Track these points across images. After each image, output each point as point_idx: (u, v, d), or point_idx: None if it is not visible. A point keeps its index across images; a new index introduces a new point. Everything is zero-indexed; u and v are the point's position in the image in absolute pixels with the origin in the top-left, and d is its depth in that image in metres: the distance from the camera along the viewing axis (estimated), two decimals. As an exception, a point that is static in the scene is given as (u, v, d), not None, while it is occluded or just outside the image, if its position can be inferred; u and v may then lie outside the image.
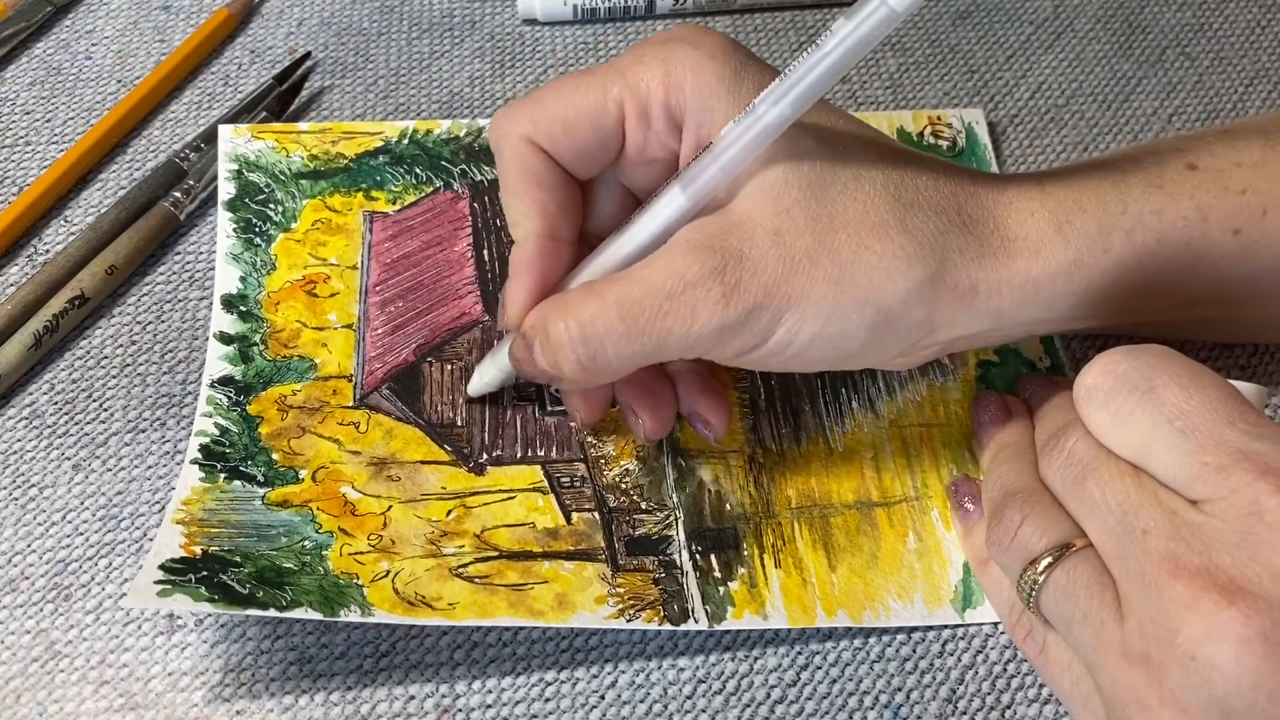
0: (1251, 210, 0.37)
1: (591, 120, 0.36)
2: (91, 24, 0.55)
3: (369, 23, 0.55)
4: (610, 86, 0.36)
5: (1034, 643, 0.36)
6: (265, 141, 0.48)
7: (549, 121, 0.36)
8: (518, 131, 0.37)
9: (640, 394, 0.40)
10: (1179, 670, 0.29)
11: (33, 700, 0.37)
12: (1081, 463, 0.34)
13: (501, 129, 0.37)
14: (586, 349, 0.35)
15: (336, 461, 0.41)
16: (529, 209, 0.37)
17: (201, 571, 0.37)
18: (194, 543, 0.38)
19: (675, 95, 0.35)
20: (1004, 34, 0.55)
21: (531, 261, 0.37)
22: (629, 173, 0.38)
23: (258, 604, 0.36)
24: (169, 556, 0.37)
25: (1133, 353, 0.33)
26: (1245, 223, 0.37)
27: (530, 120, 0.37)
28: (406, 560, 0.38)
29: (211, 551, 0.37)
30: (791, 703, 0.38)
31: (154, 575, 0.36)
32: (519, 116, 0.37)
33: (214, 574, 0.37)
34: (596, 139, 0.37)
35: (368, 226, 0.47)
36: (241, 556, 0.37)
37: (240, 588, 0.36)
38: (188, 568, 0.37)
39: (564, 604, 0.38)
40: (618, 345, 0.34)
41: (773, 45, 0.55)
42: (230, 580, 0.37)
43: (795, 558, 0.40)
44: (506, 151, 0.37)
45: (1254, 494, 0.29)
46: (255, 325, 0.44)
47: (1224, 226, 0.37)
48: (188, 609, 0.36)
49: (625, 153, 0.37)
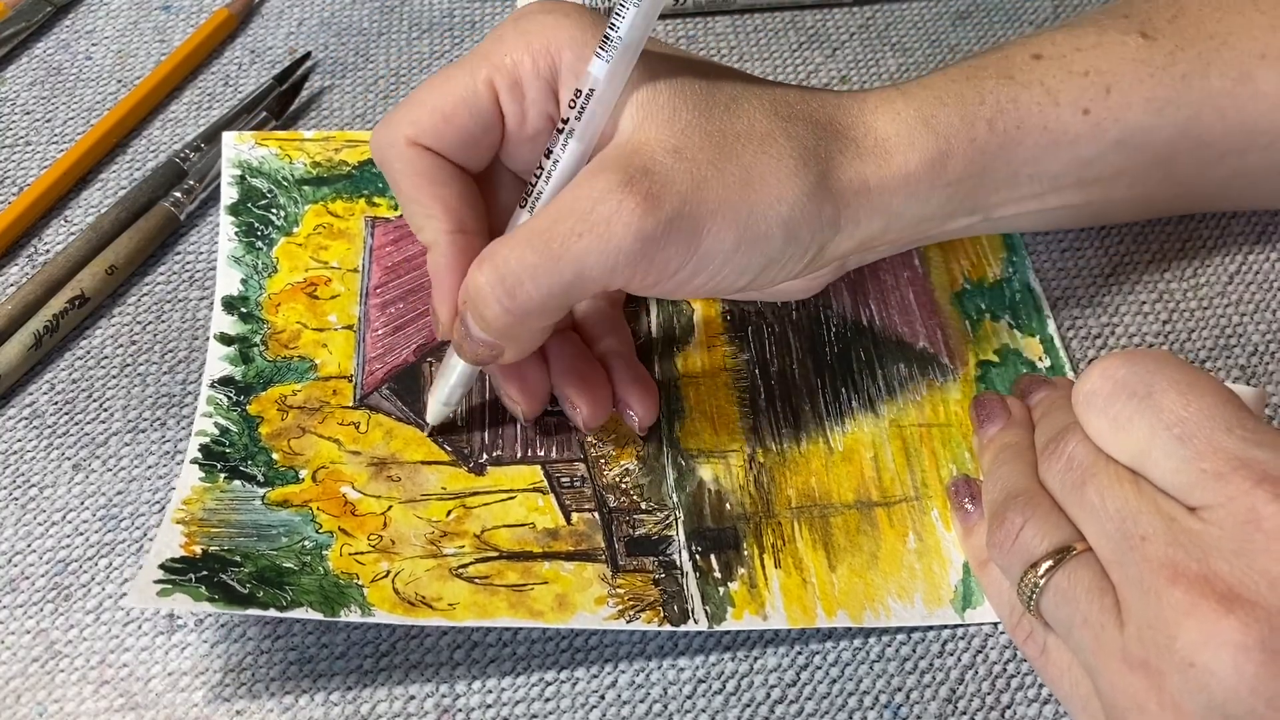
0: (1096, 89, 0.40)
1: (468, 105, 0.36)
2: (91, 24, 0.55)
3: (369, 23, 0.55)
4: (477, 69, 0.36)
5: (1035, 644, 0.36)
6: (268, 148, 0.49)
7: (428, 117, 0.36)
8: (400, 136, 0.37)
9: (574, 381, 0.41)
10: (1178, 676, 0.29)
11: (33, 700, 0.37)
12: (1081, 468, 0.34)
13: (383, 139, 0.37)
14: (505, 289, 0.34)
15: (336, 461, 0.41)
16: (432, 209, 0.37)
17: (202, 571, 0.37)
18: (194, 542, 0.38)
19: (543, 60, 0.36)
20: (1004, 34, 0.55)
21: (450, 260, 0.37)
22: (516, 156, 0.38)
23: (258, 604, 0.36)
24: (169, 556, 0.37)
25: (1131, 358, 0.33)
26: (1092, 101, 0.40)
27: (409, 123, 0.37)
28: (406, 560, 0.38)
29: (212, 551, 0.37)
30: (791, 703, 0.38)
31: (154, 575, 0.36)
32: (397, 123, 0.37)
33: (214, 573, 0.37)
34: (477, 123, 0.37)
35: (369, 231, 0.47)
36: (242, 556, 0.38)
37: (240, 587, 0.36)
38: (188, 567, 0.37)
39: (564, 605, 0.38)
40: (536, 278, 0.34)
41: (773, 45, 0.55)
42: (230, 580, 0.37)
43: (795, 557, 0.40)
44: (394, 160, 0.37)
45: (1251, 501, 0.29)
46: (256, 326, 0.44)
47: (1074, 107, 0.40)
48: (188, 609, 0.36)
49: (508, 132, 0.37)
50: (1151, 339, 0.46)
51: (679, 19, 0.56)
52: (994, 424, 0.40)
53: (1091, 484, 0.33)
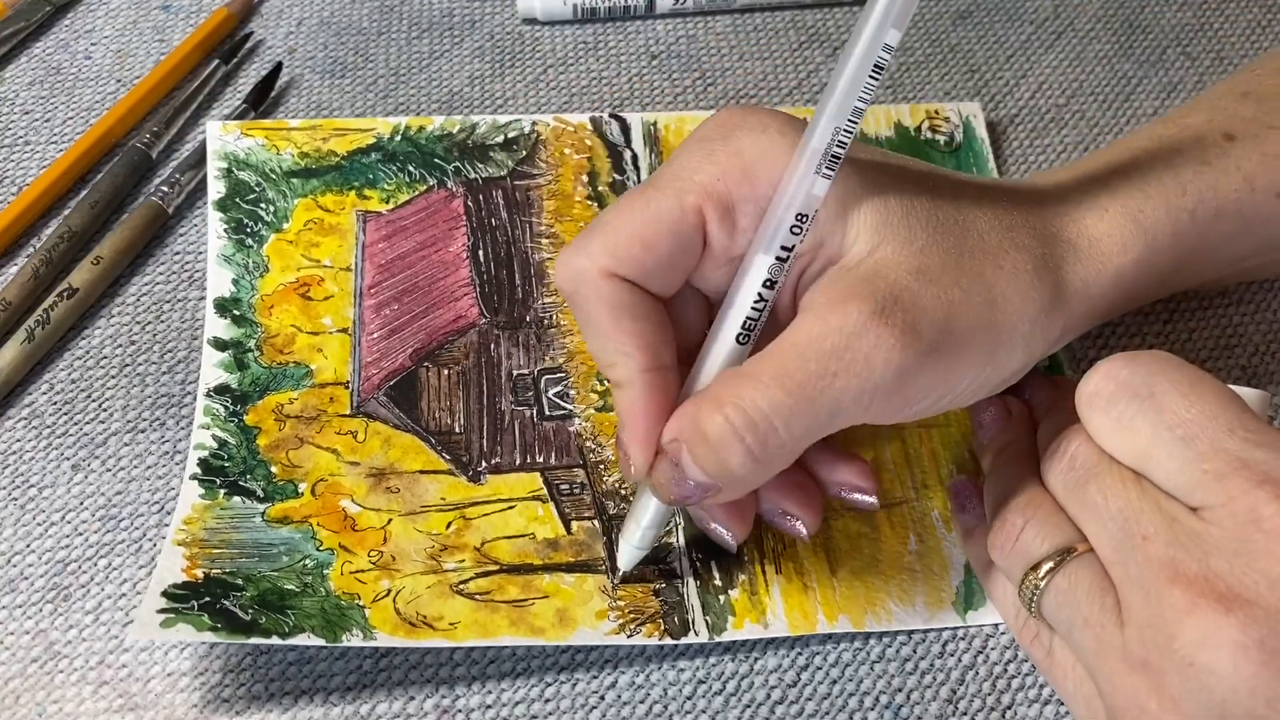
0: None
1: (672, 233, 0.33)
2: (91, 24, 0.55)
3: (369, 22, 0.55)
4: (685, 194, 0.33)
5: (1040, 646, 0.36)
6: (255, 139, 0.48)
7: (626, 246, 0.33)
8: (595, 267, 0.33)
9: (788, 491, 0.37)
10: (1178, 676, 0.29)
11: (32, 701, 0.37)
12: (1083, 468, 0.34)
13: (575, 268, 0.34)
14: (755, 435, 0.31)
15: (335, 474, 0.41)
16: (627, 346, 0.34)
17: (204, 598, 0.36)
18: (196, 565, 0.37)
19: (760, 186, 0.33)
20: (1004, 33, 0.55)
21: (647, 402, 0.34)
22: (710, 278, 0.35)
23: (260, 632, 0.36)
24: (171, 582, 0.37)
25: (1134, 359, 0.33)
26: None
27: (607, 251, 0.33)
28: (407, 578, 0.38)
29: (213, 575, 0.37)
30: (792, 703, 0.38)
31: (157, 604, 0.36)
32: (593, 251, 0.34)
33: (216, 599, 0.36)
34: (679, 251, 0.34)
35: (361, 226, 0.46)
36: (243, 579, 0.37)
37: (243, 614, 0.36)
38: (190, 594, 0.36)
39: (565, 620, 0.38)
40: (789, 422, 0.31)
41: (773, 45, 0.55)
42: (232, 605, 0.36)
43: (796, 562, 0.40)
44: (587, 292, 0.34)
45: (1252, 502, 0.29)
46: (249, 330, 0.44)
47: (1268, 191, 0.39)
48: (191, 640, 0.36)
49: (707, 256, 0.34)
50: (1153, 340, 0.46)
51: (679, 19, 0.55)
52: (995, 424, 0.40)
53: (1094, 484, 0.33)
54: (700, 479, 0.33)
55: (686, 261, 0.34)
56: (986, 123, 0.51)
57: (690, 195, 0.33)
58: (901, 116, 0.50)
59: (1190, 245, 0.38)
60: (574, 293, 0.34)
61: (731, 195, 0.33)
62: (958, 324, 0.33)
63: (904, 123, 0.50)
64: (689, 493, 0.33)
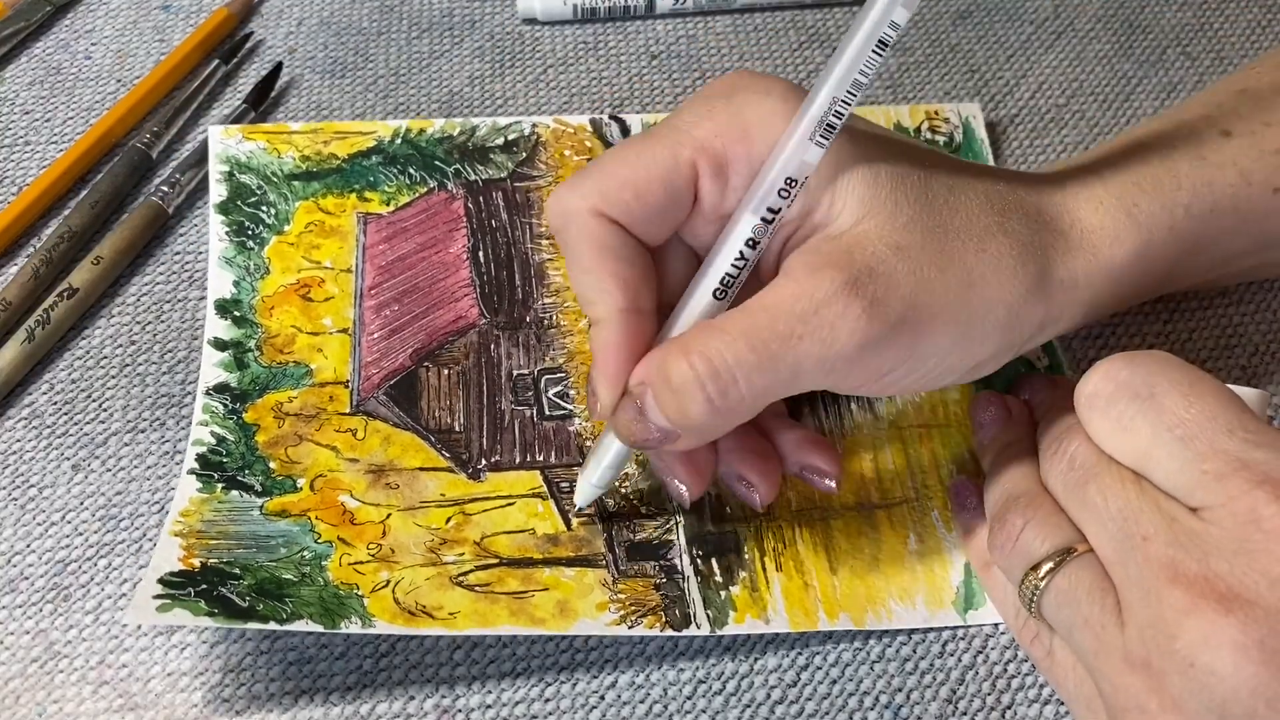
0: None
1: (664, 184, 0.34)
2: (91, 24, 0.55)
3: (369, 22, 0.55)
4: (681, 147, 0.34)
5: (1040, 646, 0.36)
6: (256, 143, 0.48)
7: (619, 189, 0.34)
8: (586, 205, 0.35)
9: (747, 457, 0.39)
10: (1178, 677, 0.29)
11: (32, 701, 0.37)
12: (1083, 468, 0.34)
13: (566, 205, 0.35)
14: (717, 384, 0.33)
15: (334, 469, 0.41)
16: (608, 284, 0.35)
17: (200, 585, 0.36)
18: (193, 555, 0.37)
19: (756, 146, 0.34)
20: (1004, 33, 0.55)
21: (620, 338, 0.35)
22: (699, 233, 0.36)
23: (258, 617, 0.36)
24: (168, 570, 0.37)
25: (1134, 359, 0.33)
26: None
27: (599, 192, 0.34)
28: (406, 569, 0.38)
29: (210, 564, 0.37)
30: (792, 703, 0.38)
31: (153, 590, 0.36)
32: (585, 190, 0.35)
33: (213, 587, 0.36)
34: (670, 202, 0.35)
35: (361, 228, 0.47)
36: (240, 568, 0.37)
37: (240, 601, 0.36)
38: (187, 581, 0.36)
39: (565, 611, 0.38)
40: (750, 377, 0.32)
41: (773, 45, 0.55)
42: (229, 593, 0.36)
43: (796, 560, 0.40)
44: (575, 228, 0.35)
45: (1252, 502, 0.29)
46: (250, 331, 0.44)
47: (1264, 187, 0.39)
48: (188, 624, 0.36)
49: (697, 211, 0.35)
50: (1153, 340, 0.46)
51: (679, 19, 0.55)
52: (994, 424, 0.40)
53: (1094, 484, 0.33)
54: (661, 423, 0.34)
55: (676, 213, 0.35)
56: (986, 123, 0.51)
57: (686, 149, 0.34)
58: (901, 117, 0.50)
59: (1186, 241, 0.38)
60: (563, 228, 0.35)
61: (727, 153, 0.34)
62: (929, 302, 0.33)
63: (903, 123, 0.50)
64: (649, 435, 0.34)
